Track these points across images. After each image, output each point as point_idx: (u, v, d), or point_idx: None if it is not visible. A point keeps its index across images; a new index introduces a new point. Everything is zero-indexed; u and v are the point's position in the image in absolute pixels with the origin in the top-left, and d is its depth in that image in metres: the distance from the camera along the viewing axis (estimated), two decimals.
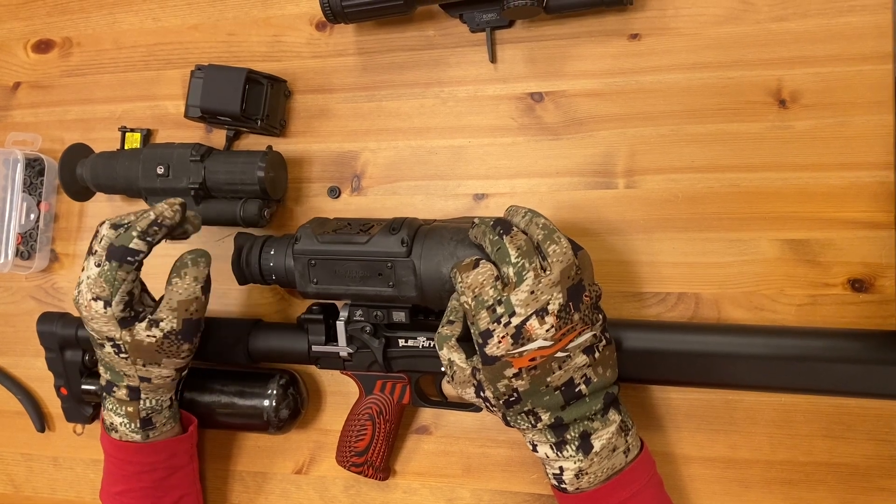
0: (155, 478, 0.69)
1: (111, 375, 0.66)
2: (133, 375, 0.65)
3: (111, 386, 0.66)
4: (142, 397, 0.66)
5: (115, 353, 0.64)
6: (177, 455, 0.70)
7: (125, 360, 0.64)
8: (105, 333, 0.63)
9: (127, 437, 0.67)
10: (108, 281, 0.61)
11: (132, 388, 0.66)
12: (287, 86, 0.77)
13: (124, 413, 0.66)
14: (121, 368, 0.65)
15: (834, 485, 0.63)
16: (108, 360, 0.65)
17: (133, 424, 0.66)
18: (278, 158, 0.73)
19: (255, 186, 0.70)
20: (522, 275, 0.51)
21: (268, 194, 0.71)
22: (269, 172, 0.70)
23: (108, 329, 0.63)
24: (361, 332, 0.66)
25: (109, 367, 0.66)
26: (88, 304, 0.62)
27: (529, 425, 0.54)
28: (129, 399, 0.66)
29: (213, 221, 0.72)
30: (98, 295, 0.62)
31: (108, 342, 0.64)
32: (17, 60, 0.88)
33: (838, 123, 0.63)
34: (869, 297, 0.63)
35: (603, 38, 0.69)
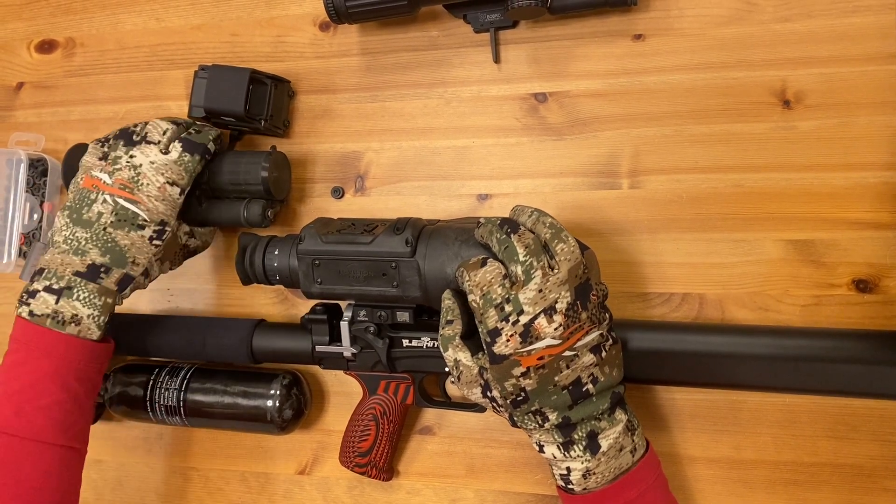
0: (87, 389, 0.63)
1: (111, 257, 0.63)
2: (142, 265, 0.64)
3: (99, 270, 0.62)
4: (125, 291, 0.64)
5: (147, 238, 0.64)
6: (102, 368, 0.65)
7: (153, 248, 0.64)
8: (162, 217, 0.64)
9: (84, 333, 0.62)
10: (188, 171, 0.65)
11: (127, 278, 0.64)
12: (291, 86, 0.77)
13: (101, 304, 0.62)
14: (136, 254, 0.64)
15: (838, 485, 0.63)
16: (127, 242, 0.63)
17: (102, 319, 0.62)
18: (282, 158, 0.73)
19: (259, 187, 0.70)
20: (531, 273, 0.51)
21: (271, 194, 0.71)
22: (272, 172, 0.70)
23: (168, 214, 0.65)
24: (365, 333, 0.66)
25: (116, 249, 0.63)
26: (163, 186, 0.64)
27: (536, 425, 0.54)
28: (115, 289, 0.63)
29: (216, 222, 0.72)
30: (175, 181, 0.65)
31: (153, 225, 0.64)
32: (21, 61, 0.88)
33: (843, 124, 0.63)
34: (873, 298, 0.62)
35: (607, 38, 0.69)
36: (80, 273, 0.62)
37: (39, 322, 0.60)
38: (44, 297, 0.61)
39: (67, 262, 0.62)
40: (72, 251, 0.63)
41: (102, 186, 0.64)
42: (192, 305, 0.80)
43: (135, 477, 0.81)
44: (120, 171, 0.64)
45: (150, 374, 0.75)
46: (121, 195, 0.64)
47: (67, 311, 0.61)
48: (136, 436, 0.81)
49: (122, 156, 0.65)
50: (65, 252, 0.63)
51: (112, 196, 0.64)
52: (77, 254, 0.63)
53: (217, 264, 0.80)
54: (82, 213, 0.64)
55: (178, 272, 0.80)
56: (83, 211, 0.64)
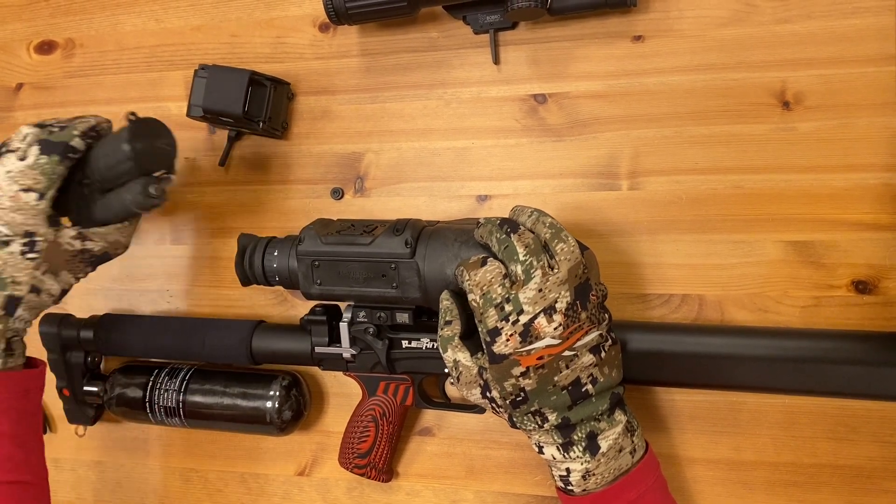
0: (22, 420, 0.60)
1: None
2: (24, 283, 0.60)
3: None
4: (17, 313, 0.60)
5: (20, 253, 0.60)
6: (29, 393, 0.62)
7: (29, 262, 0.60)
8: (24, 227, 0.60)
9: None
10: (46, 173, 0.60)
11: (12, 300, 0.60)
12: (290, 88, 0.77)
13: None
14: (13, 273, 0.60)
15: (838, 487, 0.63)
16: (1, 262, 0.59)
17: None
18: (151, 125, 0.66)
19: (130, 163, 0.63)
20: (531, 273, 0.51)
21: (145, 168, 0.64)
22: (137, 144, 0.63)
23: (33, 223, 0.60)
24: (365, 334, 0.66)
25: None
26: (16, 195, 0.59)
27: (536, 426, 0.54)
28: (2, 314, 0.60)
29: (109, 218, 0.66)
30: (30, 186, 0.60)
31: (19, 238, 0.60)
32: (20, 61, 0.88)
33: (842, 125, 0.63)
34: (873, 299, 0.62)
35: (606, 39, 0.69)
36: None
37: None
38: None
39: None
40: None
41: None
42: (191, 306, 0.80)
43: (134, 478, 0.81)
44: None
45: (150, 375, 0.75)
46: None
47: None
48: (135, 437, 0.81)
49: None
50: None
51: None
52: None
53: (216, 265, 0.79)
54: None
55: (176, 273, 0.80)
56: None
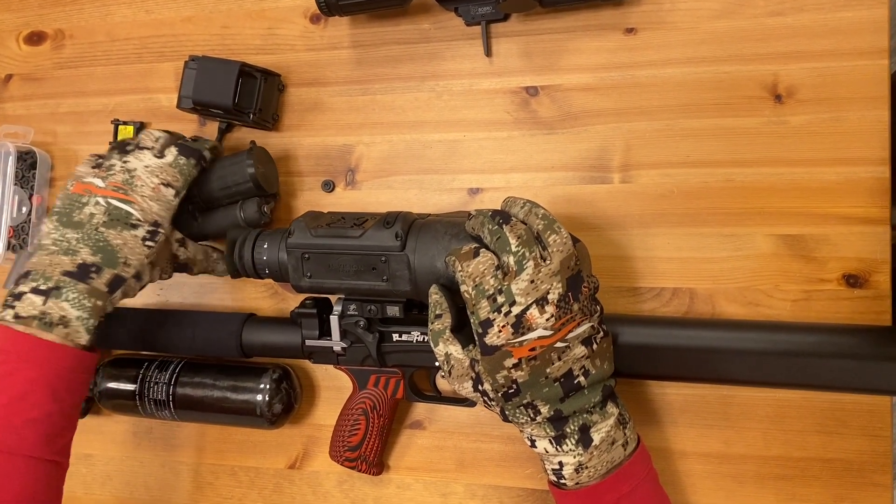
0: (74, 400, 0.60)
1: (103, 256, 0.60)
2: (133, 267, 0.62)
3: (89, 270, 0.60)
4: (115, 294, 0.61)
5: (140, 239, 0.62)
6: (89, 378, 0.62)
7: (146, 250, 0.63)
8: (155, 218, 0.64)
9: (73, 337, 0.58)
10: (184, 174, 0.66)
11: (118, 280, 0.61)
12: (281, 80, 0.76)
13: (90, 306, 0.59)
14: (128, 254, 0.61)
15: (828, 480, 0.63)
16: (119, 242, 0.61)
17: (91, 322, 0.59)
18: (263, 153, 0.73)
19: (249, 184, 0.70)
20: (523, 264, 0.51)
21: (263, 190, 0.70)
22: (258, 168, 0.70)
23: (163, 216, 0.64)
24: (355, 327, 0.66)
25: (108, 248, 0.61)
26: (157, 187, 0.64)
27: (528, 419, 0.54)
28: (106, 290, 0.60)
29: (216, 233, 0.72)
30: (170, 182, 0.65)
31: (147, 226, 0.63)
32: (9, 52, 0.87)
33: (834, 119, 0.63)
34: (863, 293, 0.63)
35: (599, 32, 0.69)
36: (70, 273, 0.59)
37: (25, 324, 0.57)
38: (30, 298, 0.58)
39: (56, 263, 0.60)
40: (61, 251, 0.60)
41: (95, 190, 0.63)
42: (182, 299, 0.80)
43: (124, 471, 0.81)
44: (113, 175, 0.64)
45: (140, 367, 0.74)
46: (115, 196, 0.63)
47: (55, 313, 0.58)
48: (125, 430, 0.81)
49: (116, 162, 0.65)
50: (53, 253, 0.60)
51: (105, 198, 0.63)
52: (67, 254, 0.60)
53: None
54: (73, 216, 0.62)
55: None
56: (73, 214, 0.62)
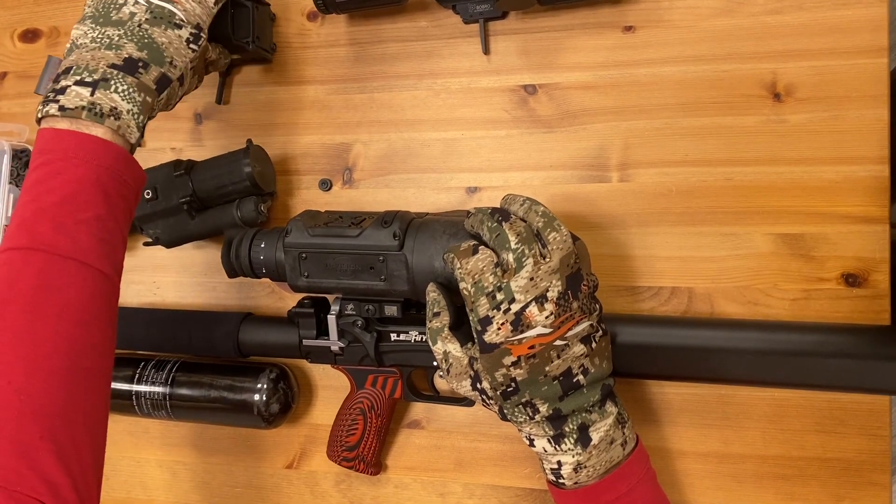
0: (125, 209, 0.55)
1: (149, 53, 0.56)
2: (178, 68, 0.58)
3: (137, 65, 0.55)
4: (162, 95, 0.58)
5: (185, 40, 0.59)
6: (137, 190, 0.57)
7: (189, 52, 0.60)
8: (197, 20, 0.60)
9: (124, 132, 0.54)
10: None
11: (165, 78, 0.57)
12: (270, 9, 0.76)
13: (140, 101, 0.55)
14: (174, 54, 0.58)
15: (826, 479, 0.63)
16: (165, 40, 0.58)
17: (141, 118, 0.55)
18: (260, 151, 0.72)
19: (246, 183, 0.69)
20: (522, 261, 0.51)
21: (260, 188, 0.70)
22: (255, 166, 0.69)
23: (204, 19, 0.61)
24: (353, 326, 0.66)
25: (153, 45, 0.57)
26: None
27: (527, 418, 0.54)
28: (154, 87, 0.56)
29: (213, 231, 0.72)
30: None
31: (190, 27, 0.60)
32: (4, 50, 0.86)
33: (833, 117, 0.63)
34: (862, 292, 0.62)
35: (597, 30, 0.69)
36: (117, 66, 0.54)
37: (73, 117, 0.52)
38: (76, 90, 0.52)
39: (100, 57, 0.55)
40: (104, 47, 0.56)
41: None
42: (178, 298, 0.80)
43: (121, 471, 0.81)
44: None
45: (136, 367, 0.74)
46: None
47: (105, 104, 0.53)
48: (121, 430, 0.81)
49: None
50: (95, 49, 0.55)
51: None
52: (111, 48, 0.55)
53: (204, 257, 0.79)
54: (110, 16, 0.57)
55: (164, 264, 0.79)
56: (111, 13, 0.57)
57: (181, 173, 0.70)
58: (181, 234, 0.72)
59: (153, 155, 0.79)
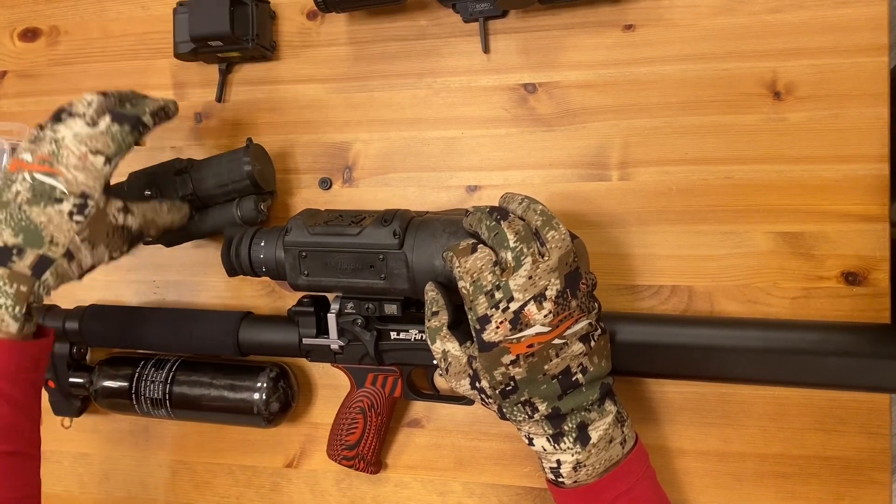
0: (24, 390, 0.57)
1: (24, 236, 0.57)
2: (62, 245, 0.58)
3: (10, 253, 0.56)
4: (44, 276, 0.57)
5: (67, 214, 0.58)
6: (39, 363, 0.59)
7: (74, 225, 0.59)
8: (82, 188, 0.59)
9: (2, 327, 0.56)
10: (116, 140, 0.61)
11: (44, 260, 0.57)
12: (270, 7, 0.76)
13: (13, 293, 0.55)
14: (53, 232, 0.58)
15: (827, 478, 0.63)
16: (43, 219, 0.58)
17: (17, 309, 0.55)
18: (260, 150, 0.72)
19: (246, 182, 0.69)
20: (521, 259, 0.51)
21: (260, 187, 0.70)
22: (255, 165, 0.70)
23: (91, 186, 0.59)
24: (353, 325, 0.66)
25: (30, 228, 0.57)
26: (84, 155, 0.59)
27: (526, 416, 0.54)
28: (29, 273, 0.57)
29: (213, 230, 0.72)
30: (100, 150, 0.60)
31: (73, 198, 0.58)
32: (4, 49, 0.86)
33: (833, 116, 0.63)
34: (863, 290, 0.62)
35: (597, 28, 0.69)
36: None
37: None
38: None
39: None
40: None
41: (24, 165, 0.59)
42: (178, 297, 0.80)
43: (121, 470, 0.81)
44: (42, 148, 0.60)
45: (136, 366, 0.74)
46: (40, 170, 0.59)
47: None
48: (121, 429, 0.81)
49: (48, 133, 0.61)
50: None
51: (31, 173, 0.59)
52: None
53: (203, 256, 0.79)
54: (2, 196, 0.59)
55: (164, 263, 0.79)
56: (3, 193, 0.59)
57: (181, 172, 0.70)
58: (181, 233, 0.72)
59: (153, 154, 0.79)
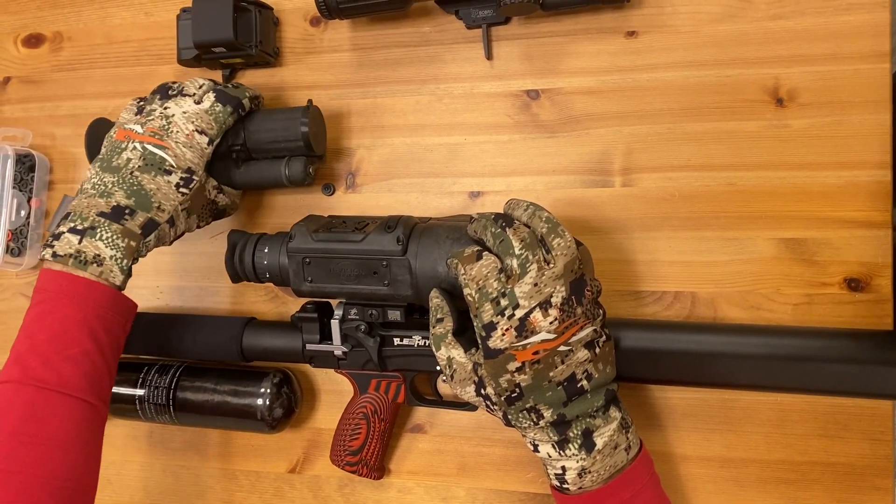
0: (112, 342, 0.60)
1: (136, 200, 0.62)
2: (167, 212, 0.63)
3: (123, 212, 0.61)
4: (150, 237, 0.62)
5: (174, 185, 0.63)
6: (128, 322, 0.63)
7: (179, 196, 0.64)
8: (189, 164, 0.64)
9: (107, 275, 0.59)
10: (219, 121, 0.66)
11: (152, 223, 0.62)
12: (274, 13, 0.76)
13: (124, 246, 0.60)
14: (161, 199, 0.63)
15: (829, 484, 0.63)
16: (153, 186, 0.62)
17: (125, 262, 0.60)
18: (318, 113, 0.71)
19: (299, 142, 0.68)
20: (526, 267, 0.51)
21: (312, 150, 0.69)
22: (311, 127, 0.69)
23: (196, 163, 0.65)
24: (356, 331, 0.66)
25: (141, 192, 0.62)
26: (191, 133, 0.64)
27: (531, 423, 0.54)
28: (140, 232, 0.61)
29: (257, 184, 0.71)
30: (204, 130, 0.65)
31: (180, 172, 0.64)
32: (7, 55, 0.87)
33: (835, 122, 0.63)
34: (865, 297, 0.62)
35: (600, 35, 0.69)
36: (104, 214, 0.61)
37: (62, 262, 0.58)
38: (67, 237, 0.59)
39: (93, 205, 0.61)
40: (98, 194, 0.62)
41: (134, 136, 0.64)
42: (181, 303, 0.80)
43: (124, 475, 0.81)
44: (152, 122, 0.65)
45: (140, 371, 0.74)
46: (150, 141, 0.64)
47: (90, 251, 0.59)
48: (125, 434, 0.81)
49: (157, 108, 0.66)
50: (91, 196, 0.62)
51: (142, 143, 0.64)
52: (103, 196, 0.62)
53: (207, 262, 0.79)
54: (111, 161, 0.63)
55: (168, 269, 0.79)
56: (112, 159, 0.63)
57: (236, 119, 0.69)
58: (223, 181, 0.71)
59: None
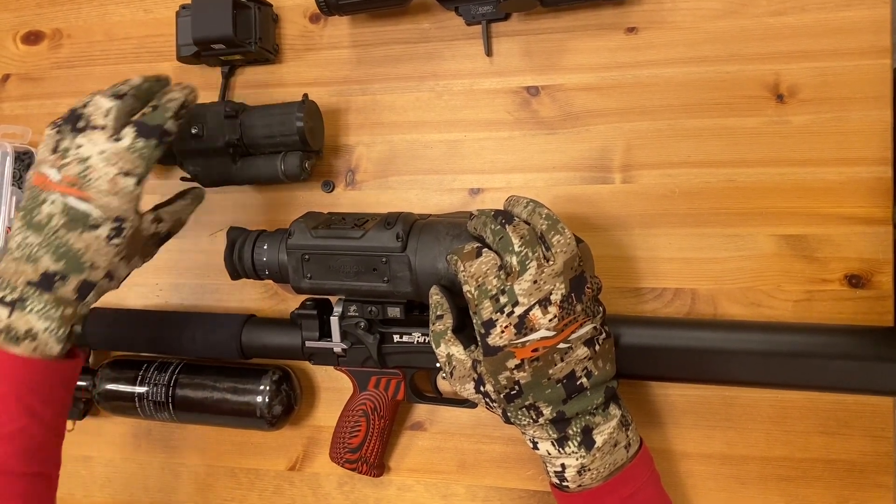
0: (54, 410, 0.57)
1: (66, 263, 0.56)
2: (102, 268, 0.58)
3: (53, 279, 0.56)
4: (87, 298, 0.58)
5: (105, 238, 0.57)
6: (70, 386, 0.60)
7: (113, 248, 0.58)
8: (116, 213, 0.58)
9: (42, 349, 0.56)
10: (144, 157, 0.58)
11: (87, 284, 0.57)
12: (273, 11, 0.76)
13: (59, 316, 0.56)
14: (93, 257, 0.57)
15: (830, 481, 0.63)
16: (81, 246, 0.57)
17: (61, 331, 0.56)
18: (315, 108, 0.71)
19: (295, 137, 0.68)
20: (526, 264, 0.51)
21: (308, 145, 0.69)
22: (307, 122, 0.69)
23: (125, 209, 0.58)
24: (356, 328, 0.66)
25: (69, 253, 0.57)
26: (114, 179, 0.57)
27: (530, 420, 0.54)
28: (75, 297, 0.57)
29: (254, 179, 0.71)
30: (129, 171, 0.58)
31: (109, 223, 0.57)
32: (7, 52, 0.87)
33: (836, 118, 0.63)
34: (866, 293, 0.62)
35: (600, 31, 0.69)
36: (33, 283, 0.56)
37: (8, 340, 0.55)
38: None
39: (20, 271, 0.56)
40: (24, 258, 0.57)
41: (50, 184, 0.58)
42: (181, 300, 0.80)
43: (123, 473, 0.81)
44: (68, 167, 0.58)
45: (139, 369, 0.74)
46: (70, 193, 0.57)
47: (21, 327, 0.55)
48: (124, 432, 0.81)
49: (70, 147, 0.58)
50: (18, 259, 0.57)
51: (62, 195, 0.57)
52: (29, 261, 0.56)
53: (206, 259, 0.79)
54: (33, 215, 0.57)
55: (166, 266, 0.79)
56: (34, 213, 0.57)
57: (232, 115, 0.69)
58: (221, 177, 0.71)
59: None
